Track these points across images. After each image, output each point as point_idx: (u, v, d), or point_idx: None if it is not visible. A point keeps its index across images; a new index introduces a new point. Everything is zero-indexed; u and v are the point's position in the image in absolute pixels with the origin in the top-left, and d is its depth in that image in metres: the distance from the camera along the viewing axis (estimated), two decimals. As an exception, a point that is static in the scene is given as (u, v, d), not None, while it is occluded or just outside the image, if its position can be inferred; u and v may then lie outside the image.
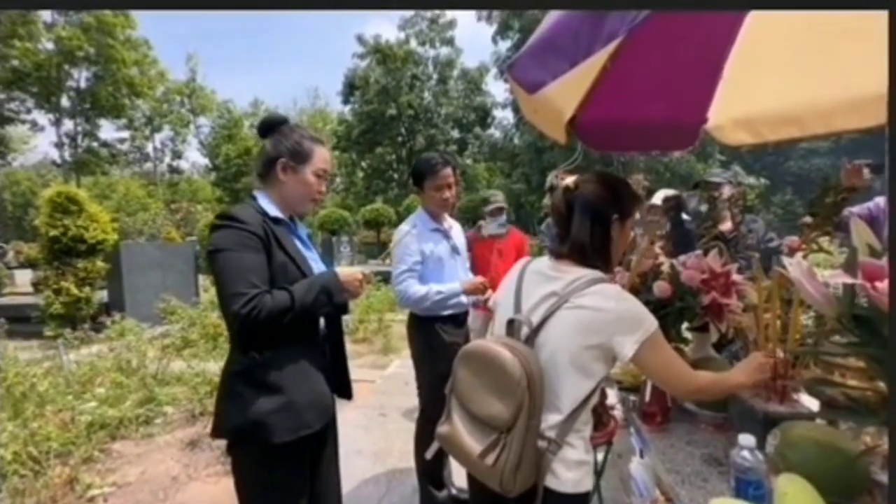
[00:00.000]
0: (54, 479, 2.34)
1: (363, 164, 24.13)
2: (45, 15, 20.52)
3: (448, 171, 1.98)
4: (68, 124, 23.97)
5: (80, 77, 22.86)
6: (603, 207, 1.05)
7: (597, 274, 1.02)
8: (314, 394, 1.25)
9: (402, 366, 4.56)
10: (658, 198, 3.51)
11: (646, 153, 14.64)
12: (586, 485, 1.01)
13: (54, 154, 24.57)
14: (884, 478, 0.82)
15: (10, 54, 19.32)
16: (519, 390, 0.91)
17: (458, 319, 2.07)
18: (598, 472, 1.90)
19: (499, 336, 1.08)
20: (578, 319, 0.97)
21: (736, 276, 1.37)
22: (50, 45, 20.96)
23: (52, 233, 5.86)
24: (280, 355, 1.19)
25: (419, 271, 1.97)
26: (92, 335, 4.73)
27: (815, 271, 0.76)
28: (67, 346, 4.20)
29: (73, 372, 3.60)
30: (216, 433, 1.22)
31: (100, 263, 6.33)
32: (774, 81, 1.85)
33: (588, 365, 0.98)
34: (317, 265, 1.35)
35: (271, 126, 1.32)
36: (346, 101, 23.49)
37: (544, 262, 1.11)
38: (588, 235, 1.04)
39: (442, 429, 1.07)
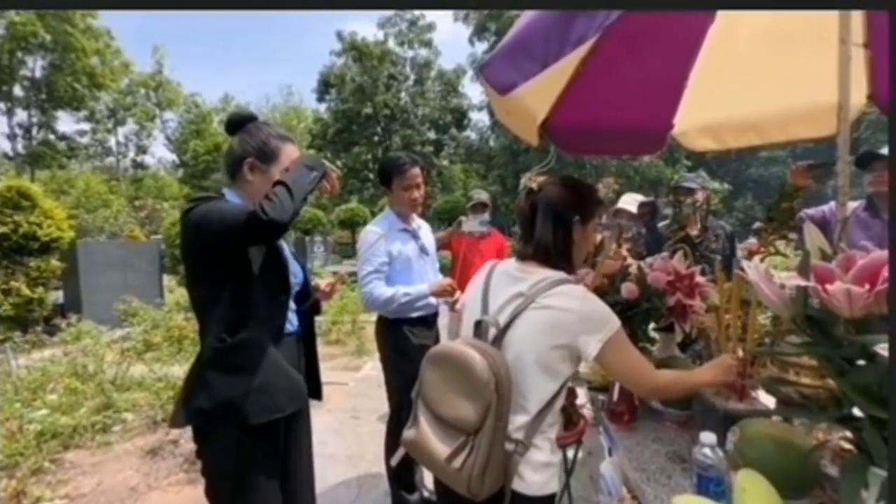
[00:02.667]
0: (-1, 493, 2.20)
1: (338, 163, 23.70)
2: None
3: (416, 170, 1.97)
4: (22, 115, 22.66)
5: (36, 66, 21.63)
6: (564, 210, 1.06)
7: (561, 275, 1.03)
8: (286, 378, 1.24)
9: (375, 368, 4.50)
10: (625, 202, 3.58)
11: (616, 157, 15.06)
12: (552, 486, 1.02)
13: (6, 146, 23.13)
14: (833, 471, 0.86)
15: (-44, 39, 18.14)
16: (487, 392, 0.90)
17: (428, 321, 2.06)
18: (569, 472, 1.92)
19: (466, 337, 1.07)
20: (544, 320, 0.97)
21: (699, 278, 1.42)
22: (0, 31, 19.74)
23: (2, 230, 5.51)
24: (250, 339, 1.17)
25: (386, 272, 1.94)
26: (45, 338, 4.49)
27: (773, 274, 0.79)
28: (17, 351, 3.95)
29: (21, 378, 3.39)
30: (175, 421, 1.18)
31: (54, 262, 5.99)
32: (737, 90, 1.93)
33: (554, 365, 0.98)
34: (290, 264, 1.33)
35: (239, 123, 1.29)
36: (320, 99, 23.13)
37: (511, 263, 1.12)
38: (551, 237, 1.05)
39: (408, 433, 1.05)
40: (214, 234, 1.11)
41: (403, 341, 1.96)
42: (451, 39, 35.87)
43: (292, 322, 1.33)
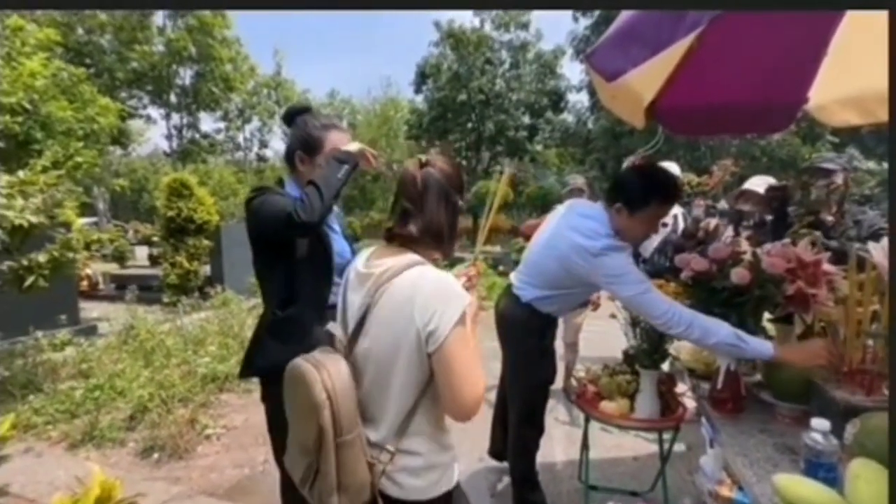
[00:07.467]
0: (178, 419, 2.81)
1: (433, 151, 24.41)
2: (158, 19, 23.15)
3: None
4: (175, 118, 27.00)
5: (185, 75, 25.57)
6: (450, 189, 0.99)
7: (414, 258, 0.92)
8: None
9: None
10: (753, 183, 3.20)
11: (736, 136, 13.31)
12: (441, 487, 0.94)
13: (164, 145, 27.82)
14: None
15: (130, 57, 22.09)
16: (319, 409, 0.83)
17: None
18: (664, 459, 1.91)
19: (320, 349, 0.97)
20: (391, 309, 0.88)
21: (827, 266, 1.31)
22: (161, 48, 23.60)
23: (169, 213, 6.76)
24: (297, 315, 1.31)
25: None
26: (200, 303, 5.45)
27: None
28: (183, 312, 4.89)
29: (189, 332, 4.21)
30: (243, 373, 1.41)
31: (205, 241, 7.18)
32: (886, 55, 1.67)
33: (411, 364, 0.88)
34: (338, 243, 1.44)
35: (290, 117, 1.42)
36: (418, 91, 23.86)
37: (362, 258, 1.02)
38: (442, 217, 0.96)
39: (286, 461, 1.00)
40: (263, 224, 1.29)
41: (549, 339, 1.89)
42: (549, 17, 34.26)
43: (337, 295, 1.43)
